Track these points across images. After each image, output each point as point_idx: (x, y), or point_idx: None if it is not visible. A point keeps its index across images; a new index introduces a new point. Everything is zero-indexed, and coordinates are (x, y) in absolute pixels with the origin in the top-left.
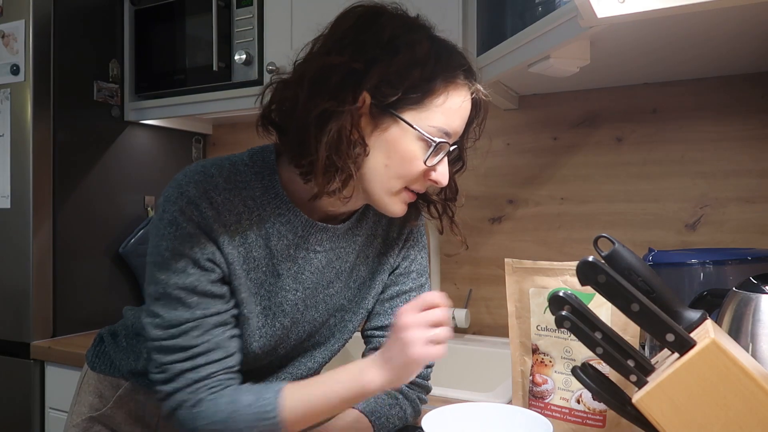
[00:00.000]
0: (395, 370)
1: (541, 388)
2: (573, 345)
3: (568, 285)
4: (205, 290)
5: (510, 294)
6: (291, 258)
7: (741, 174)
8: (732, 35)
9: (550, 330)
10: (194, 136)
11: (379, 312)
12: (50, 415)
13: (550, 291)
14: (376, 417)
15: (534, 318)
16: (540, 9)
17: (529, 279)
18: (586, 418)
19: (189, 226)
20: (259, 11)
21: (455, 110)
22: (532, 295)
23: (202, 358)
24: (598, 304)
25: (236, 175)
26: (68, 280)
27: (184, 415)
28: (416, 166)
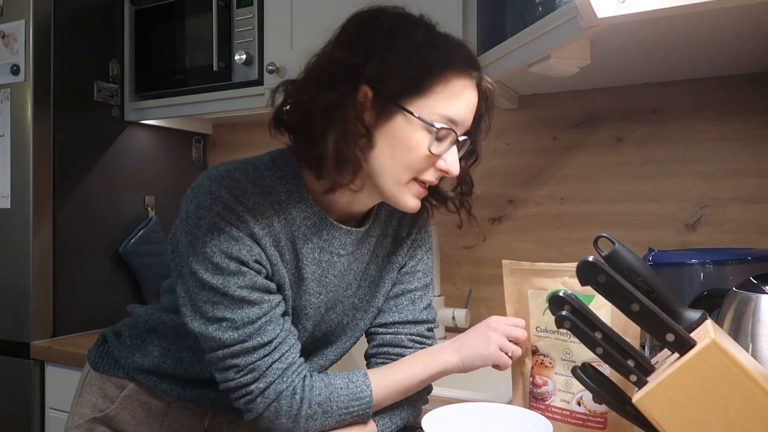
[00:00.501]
0: (467, 357)
1: (541, 389)
2: (573, 347)
3: (567, 286)
4: (262, 285)
5: (508, 295)
6: (316, 261)
7: (741, 174)
8: (732, 35)
9: (550, 331)
10: (194, 136)
11: (383, 310)
12: (50, 415)
13: (549, 292)
14: (378, 417)
15: (533, 319)
16: (540, 9)
17: (528, 280)
18: (587, 420)
19: (232, 230)
20: (259, 11)
21: (457, 96)
22: (531, 297)
23: (285, 345)
24: (598, 306)
25: (261, 180)
26: (68, 280)
27: (284, 405)
28: (421, 155)
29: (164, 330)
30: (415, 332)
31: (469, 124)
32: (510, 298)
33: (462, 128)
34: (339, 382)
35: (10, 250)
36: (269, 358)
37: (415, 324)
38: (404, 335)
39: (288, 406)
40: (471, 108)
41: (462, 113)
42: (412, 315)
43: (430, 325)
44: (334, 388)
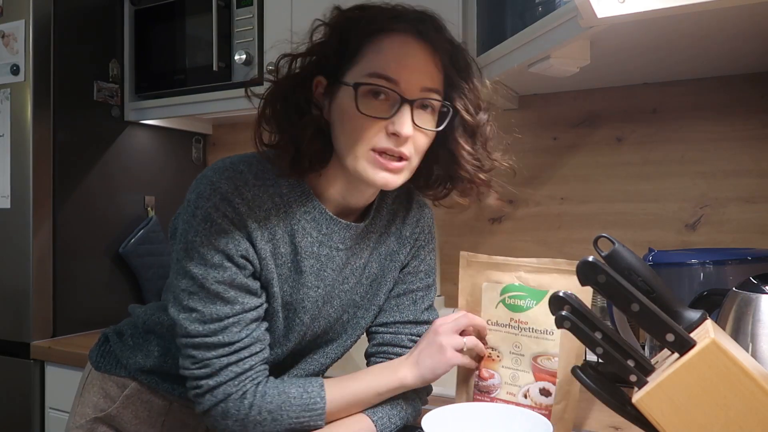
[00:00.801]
0: (424, 370)
1: (487, 382)
2: (523, 340)
3: (522, 280)
4: (242, 284)
5: (462, 288)
6: (314, 255)
7: (741, 174)
8: (732, 35)
9: (501, 325)
10: (194, 136)
11: (384, 309)
12: (50, 415)
13: (503, 286)
14: (378, 417)
15: (484, 313)
16: (540, 9)
17: (483, 273)
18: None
19: (223, 222)
20: (259, 11)
21: (384, 52)
22: (485, 290)
23: (245, 351)
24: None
25: (264, 172)
26: (68, 280)
27: (231, 407)
28: (361, 119)
29: (161, 330)
30: (416, 333)
31: (415, 80)
32: (464, 291)
33: (405, 84)
34: (293, 391)
35: (10, 250)
36: (226, 359)
37: (416, 324)
38: (404, 335)
39: (236, 410)
40: (403, 61)
41: (392, 66)
42: (413, 315)
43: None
44: (287, 397)
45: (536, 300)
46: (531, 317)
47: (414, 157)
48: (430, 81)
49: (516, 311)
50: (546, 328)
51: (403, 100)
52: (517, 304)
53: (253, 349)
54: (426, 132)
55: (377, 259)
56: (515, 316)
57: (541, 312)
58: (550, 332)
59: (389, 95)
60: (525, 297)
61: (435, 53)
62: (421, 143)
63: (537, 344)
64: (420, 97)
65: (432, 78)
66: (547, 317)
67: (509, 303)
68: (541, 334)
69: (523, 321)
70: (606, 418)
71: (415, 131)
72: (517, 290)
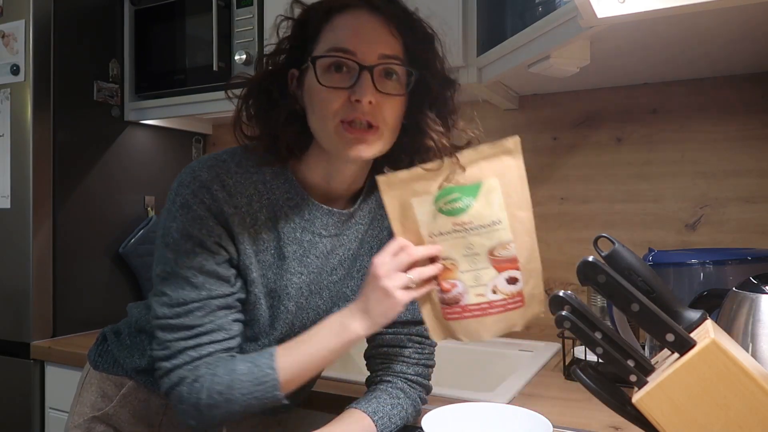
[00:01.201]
0: (376, 317)
1: (451, 293)
2: (474, 239)
3: (451, 182)
4: (210, 270)
5: (391, 212)
6: (297, 241)
7: (741, 174)
8: (732, 35)
9: (446, 234)
10: (194, 136)
11: None
12: (50, 415)
13: (434, 195)
14: (378, 417)
15: (423, 228)
16: (540, 9)
17: (409, 189)
18: (506, 305)
19: (199, 209)
20: (259, 11)
21: (340, 27)
22: (416, 205)
23: (206, 337)
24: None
25: (248, 161)
26: (68, 280)
27: (184, 391)
28: (324, 93)
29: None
30: (415, 332)
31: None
32: (394, 215)
33: (362, 54)
34: (242, 367)
35: (10, 250)
36: (184, 342)
37: (415, 324)
38: (404, 335)
39: (188, 394)
40: (358, 32)
41: (348, 37)
42: (412, 315)
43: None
44: (235, 375)
45: (472, 195)
46: (473, 215)
47: (384, 126)
48: (387, 48)
49: (456, 214)
50: (492, 220)
51: (361, 68)
52: (454, 207)
53: (215, 336)
54: (392, 98)
55: (369, 252)
56: (457, 220)
57: (481, 206)
58: (497, 221)
59: (349, 66)
60: (460, 197)
61: (389, 22)
62: (389, 112)
63: (488, 238)
64: (378, 63)
65: (389, 45)
66: (489, 208)
67: (446, 209)
68: (489, 226)
69: (467, 221)
70: (606, 418)
71: (381, 99)
72: (449, 193)
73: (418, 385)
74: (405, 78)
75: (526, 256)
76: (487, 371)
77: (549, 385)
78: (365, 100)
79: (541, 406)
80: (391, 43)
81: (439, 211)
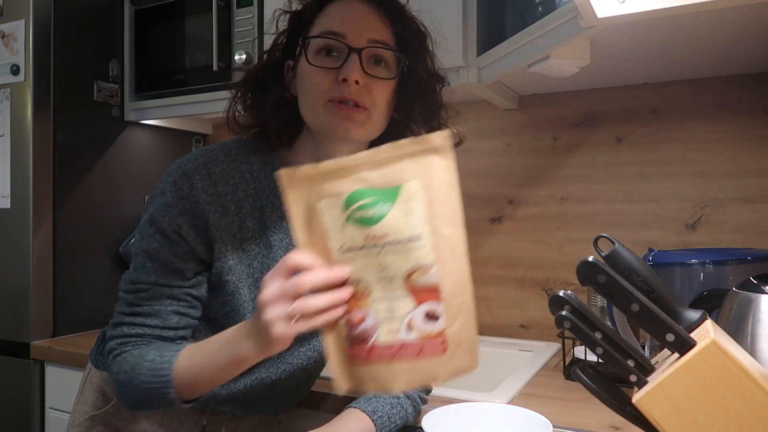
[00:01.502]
0: (262, 347)
1: (359, 328)
2: (388, 259)
3: (366, 183)
4: (164, 259)
5: (295, 218)
6: (283, 230)
7: (741, 174)
8: (732, 35)
9: (356, 249)
10: (194, 136)
11: None
12: (50, 415)
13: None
14: (378, 416)
15: (333, 239)
16: (540, 9)
17: (317, 189)
18: (422, 348)
19: (171, 196)
20: (259, 11)
21: (332, 14)
22: (324, 210)
23: (139, 318)
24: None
25: (238, 151)
26: (68, 280)
27: (110, 363)
28: (312, 72)
29: None
30: None
31: (361, 32)
32: (297, 221)
33: (352, 36)
34: (151, 354)
35: (10, 250)
36: (123, 317)
37: None
38: None
39: (110, 366)
40: (348, 17)
41: (339, 22)
42: None
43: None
44: (141, 360)
45: (390, 201)
46: (389, 226)
47: (373, 109)
48: (377, 34)
49: (369, 224)
50: (411, 234)
51: (350, 50)
52: (366, 215)
53: (148, 321)
54: (381, 81)
55: None
56: (370, 232)
57: (398, 215)
58: (416, 237)
59: (338, 48)
60: (375, 203)
61: (380, 9)
62: (378, 94)
63: (405, 258)
64: (367, 45)
65: (379, 31)
66: (407, 219)
67: (358, 217)
68: (407, 243)
69: (381, 234)
70: (606, 418)
71: (369, 81)
72: (361, 197)
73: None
74: (394, 65)
75: (450, 286)
76: (487, 371)
77: (549, 385)
78: (351, 78)
79: (541, 406)
80: (381, 30)
81: (349, 219)
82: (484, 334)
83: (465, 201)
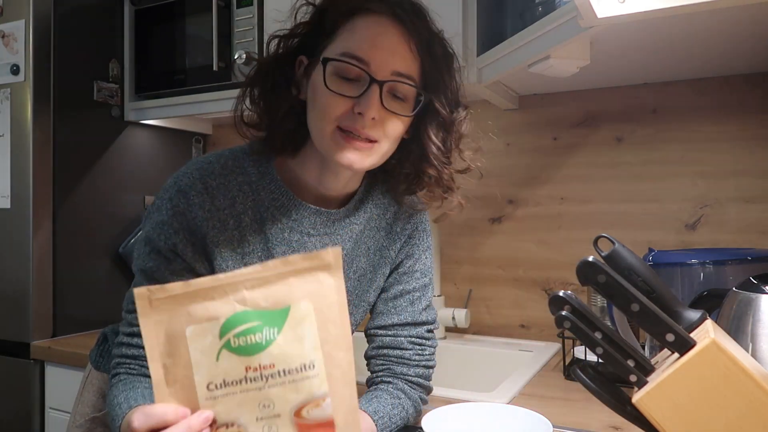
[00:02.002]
0: None
1: None
2: (274, 393)
3: (248, 304)
4: (162, 278)
5: (151, 347)
6: (285, 241)
7: (741, 174)
8: (732, 35)
9: (233, 383)
10: (194, 136)
11: (382, 311)
12: (50, 415)
13: (222, 322)
14: (378, 417)
15: (200, 374)
16: (540, 9)
17: (183, 312)
18: None
19: (166, 214)
20: (259, 11)
21: (358, 32)
22: (193, 338)
23: (137, 339)
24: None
25: (234, 162)
26: (68, 280)
27: (110, 380)
28: (328, 95)
29: None
30: (415, 334)
31: (387, 62)
32: (154, 351)
33: (376, 66)
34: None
35: (10, 250)
36: (126, 338)
37: (415, 326)
38: (403, 337)
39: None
40: (376, 42)
41: (363, 46)
42: (411, 317)
43: (429, 326)
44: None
45: (277, 326)
46: (277, 354)
47: (384, 141)
48: (403, 66)
49: (252, 353)
50: (303, 363)
51: (372, 81)
52: (250, 342)
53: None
54: (398, 116)
55: (365, 253)
56: (252, 362)
57: (288, 341)
58: (309, 365)
59: (360, 76)
60: (260, 327)
61: (410, 38)
62: (391, 128)
63: (295, 390)
64: (390, 79)
65: (405, 63)
66: (298, 345)
67: (237, 345)
68: (298, 373)
69: (267, 364)
70: (606, 418)
71: (386, 115)
72: (245, 321)
73: (418, 386)
74: (414, 99)
75: (343, 417)
76: (487, 371)
77: (549, 385)
78: (368, 115)
79: (541, 406)
80: (408, 61)
81: (226, 347)
82: (484, 334)
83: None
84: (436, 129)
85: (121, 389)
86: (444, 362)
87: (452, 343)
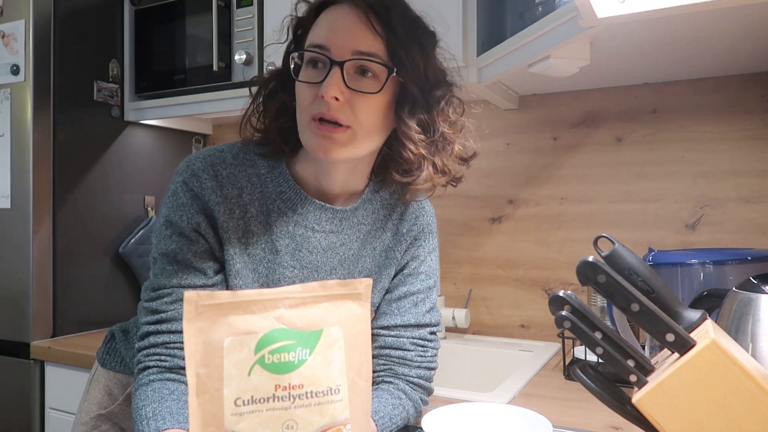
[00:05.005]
0: None
1: None
2: (299, 414)
3: (285, 322)
4: (184, 259)
5: (189, 355)
6: (289, 235)
7: (741, 174)
8: (731, 35)
9: (261, 401)
10: (194, 136)
11: (386, 312)
12: (50, 415)
13: (259, 337)
14: (379, 417)
15: (230, 388)
16: (540, 9)
17: (223, 322)
18: None
19: (185, 196)
20: (259, 11)
21: (321, 24)
22: (229, 350)
23: (165, 325)
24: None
25: (245, 154)
26: (68, 280)
27: (136, 376)
28: (301, 88)
29: None
30: (417, 336)
31: (345, 44)
32: (193, 358)
33: (336, 49)
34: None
35: (10, 250)
36: (149, 327)
37: (417, 327)
38: (406, 338)
39: (136, 379)
40: (333, 26)
41: (325, 34)
42: (415, 318)
43: (432, 328)
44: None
45: (309, 347)
46: (306, 376)
47: (357, 126)
48: (363, 44)
49: (283, 372)
50: (329, 386)
51: (332, 63)
52: (284, 360)
53: (175, 326)
54: (366, 96)
55: (371, 253)
56: (282, 381)
57: (319, 363)
58: (336, 389)
59: (322, 62)
60: (294, 346)
61: (369, 18)
62: (363, 111)
63: (320, 413)
64: (350, 58)
65: (366, 41)
66: (327, 369)
67: (271, 362)
68: (324, 396)
69: (296, 384)
70: (606, 418)
71: (352, 96)
72: (280, 338)
73: (419, 388)
74: (385, 76)
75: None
76: (487, 371)
77: (549, 385)
78: (328, 95)
79: (541, 406)
80: (369, 40)
81: (260, 363)
82: (484, 334)
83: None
84: (411, 107)
85: (150, 398)
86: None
87: (452, 343)
